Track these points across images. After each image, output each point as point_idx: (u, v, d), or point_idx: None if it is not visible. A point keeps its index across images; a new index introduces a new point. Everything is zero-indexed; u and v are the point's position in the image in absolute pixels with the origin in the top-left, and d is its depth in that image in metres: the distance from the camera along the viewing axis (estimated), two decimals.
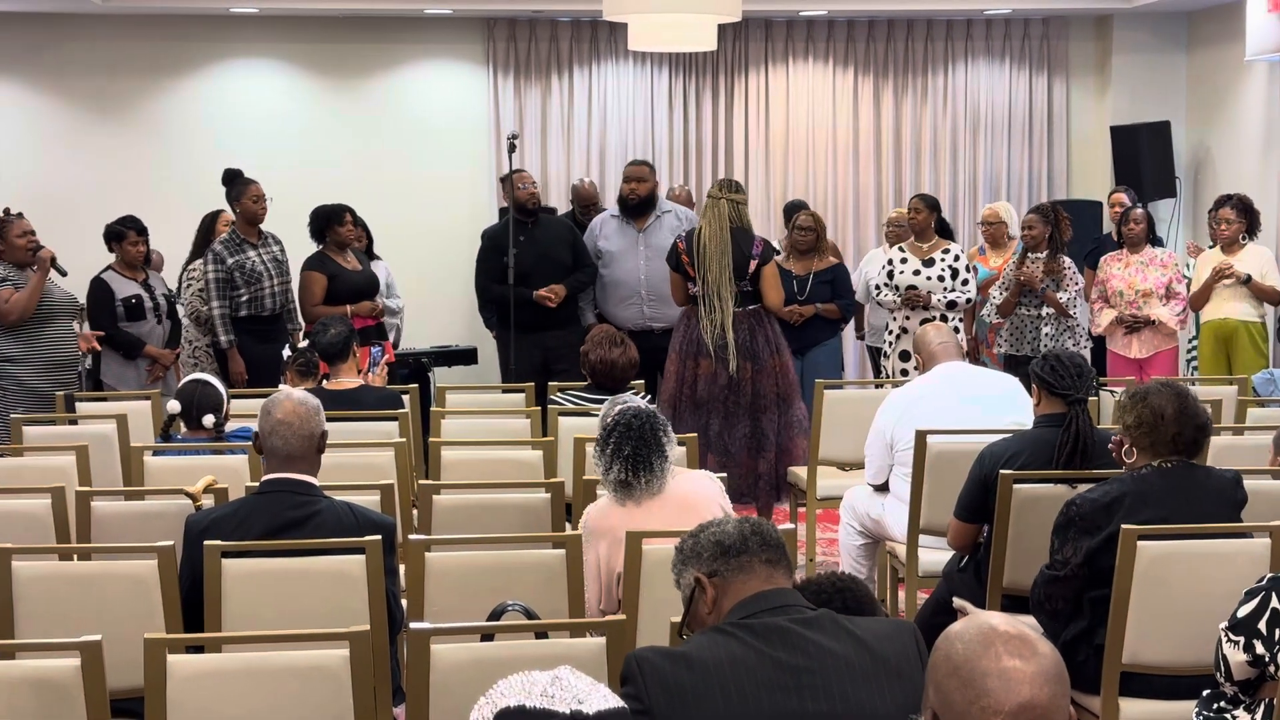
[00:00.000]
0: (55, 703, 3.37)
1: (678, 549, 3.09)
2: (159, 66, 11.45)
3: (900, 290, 8.73)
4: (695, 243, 7.77)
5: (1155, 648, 4.25)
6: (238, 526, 4.25)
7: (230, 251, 8.32)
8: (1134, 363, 8.80)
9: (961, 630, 2.17)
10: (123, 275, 8.28)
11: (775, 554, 2.99)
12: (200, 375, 5.93)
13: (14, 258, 7.63)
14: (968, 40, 12.09)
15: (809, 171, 12.02)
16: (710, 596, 2.97)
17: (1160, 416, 4.28)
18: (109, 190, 11.09)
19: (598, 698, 2.28)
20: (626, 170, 9.26)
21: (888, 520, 6.03)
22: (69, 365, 7.86)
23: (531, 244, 8.82)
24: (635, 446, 4.42)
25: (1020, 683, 2.08)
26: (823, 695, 2.76)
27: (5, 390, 7.56)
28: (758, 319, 7.85)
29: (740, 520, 3.07)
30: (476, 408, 7.34)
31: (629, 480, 4.43)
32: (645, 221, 9.01)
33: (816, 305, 8.90)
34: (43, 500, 5.07)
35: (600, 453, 4.48)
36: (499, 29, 11.71)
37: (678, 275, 7.91)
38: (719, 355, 7.73)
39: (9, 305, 7.51)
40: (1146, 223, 8.97)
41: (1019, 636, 2.13)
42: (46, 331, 7.67)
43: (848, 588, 3.19)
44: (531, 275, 8.72)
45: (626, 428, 4.45)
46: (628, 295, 8.97)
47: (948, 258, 8.78)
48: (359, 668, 3.44)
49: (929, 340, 6.18)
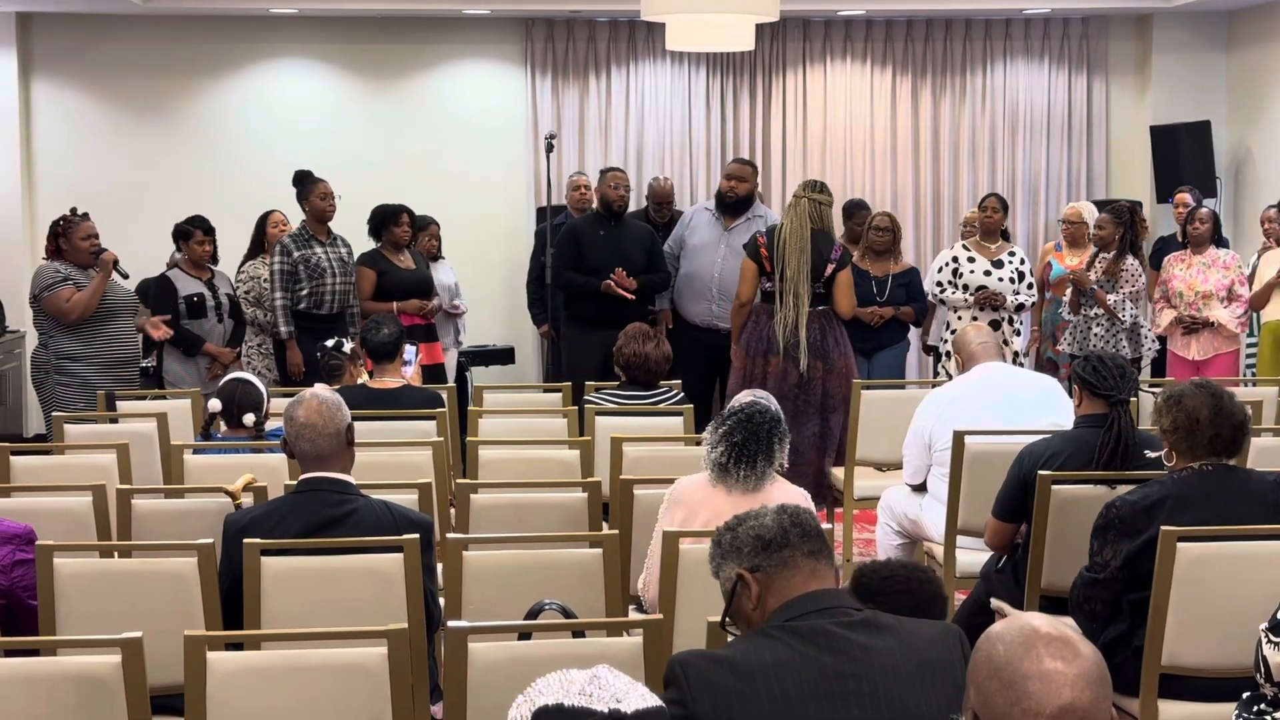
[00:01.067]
0: (96, 699, 3.40)
1: (715, 542, 3.06)
2: (200, 67, 11.51)
3: (971, 290, 8.70)
4: (776, 239, 7.74)
5: (1195, 650, 4.22)
6: (276, 525, 4.27)
7: (298, 245, 8.41)
8: (1192, 364, 8.74)
9: (1003, 631, 2.16)
10: (188, 274, 8.37)
11: (816, 544, 2.96)
12: (241, 374, 5.95)
13: (77, 259, 7.72)
14: (1006, 40, 12.04)
15: (847, 172, 11.99)
16: (755, 593, 2.93)
17: (1196, 420, 4.26)
18: (150, 190, 11.17)
19: (635, 696, 2.28)
20: (730, 167, 9.19)
21: (925, 520, 6.01)
22: (130, 363, 7.95)
23: (610, 241, 8.79)
24: (745, 438, 4.46)
25: (1062, 685, 2.08)
26: (869, 702, 2.73)
27: (67, 387, 7.66)
28: (828, 320, 7.82)
29: (777, 511, 3.03)
30: (514, 407, 7.35)
31: (727, 465, 4.47)
32: (735, 221, 8.91)
33: (896, 307, 8.90)
34: (84, 498, 5.11)
35: (713, 429, 4.54)
36: (537, 29, 11.73)
37: (752, 267, 7.83)
38: (789, 353, 7.69)
39: (70, 304, 7.59)
40: (1212, 222, 8.90)
41: (1061, 638, 2.13)
42: (107, 330, 7.76)
43: (913, 589, 3.16)
44: (603, 271, 8.67)
45: (748, 419, 4.50)
46: (700, 290, 8.90)
47: (1014, 260, 8.80)
48: (397, 666, 3.45)
49: (969, 340, 6.16)
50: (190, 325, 8.26)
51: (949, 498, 5.64)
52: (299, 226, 8.59)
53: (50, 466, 5.99)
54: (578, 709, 2.23)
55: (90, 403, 7.53)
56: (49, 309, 7.67)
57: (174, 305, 8.21)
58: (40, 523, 4.61)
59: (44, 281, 7.68)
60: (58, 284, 7.63)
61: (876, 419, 7.06)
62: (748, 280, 7.90)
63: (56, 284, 7.64)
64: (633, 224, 9.10)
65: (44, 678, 3.41)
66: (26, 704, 3.39)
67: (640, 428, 6.37)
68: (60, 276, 7.65)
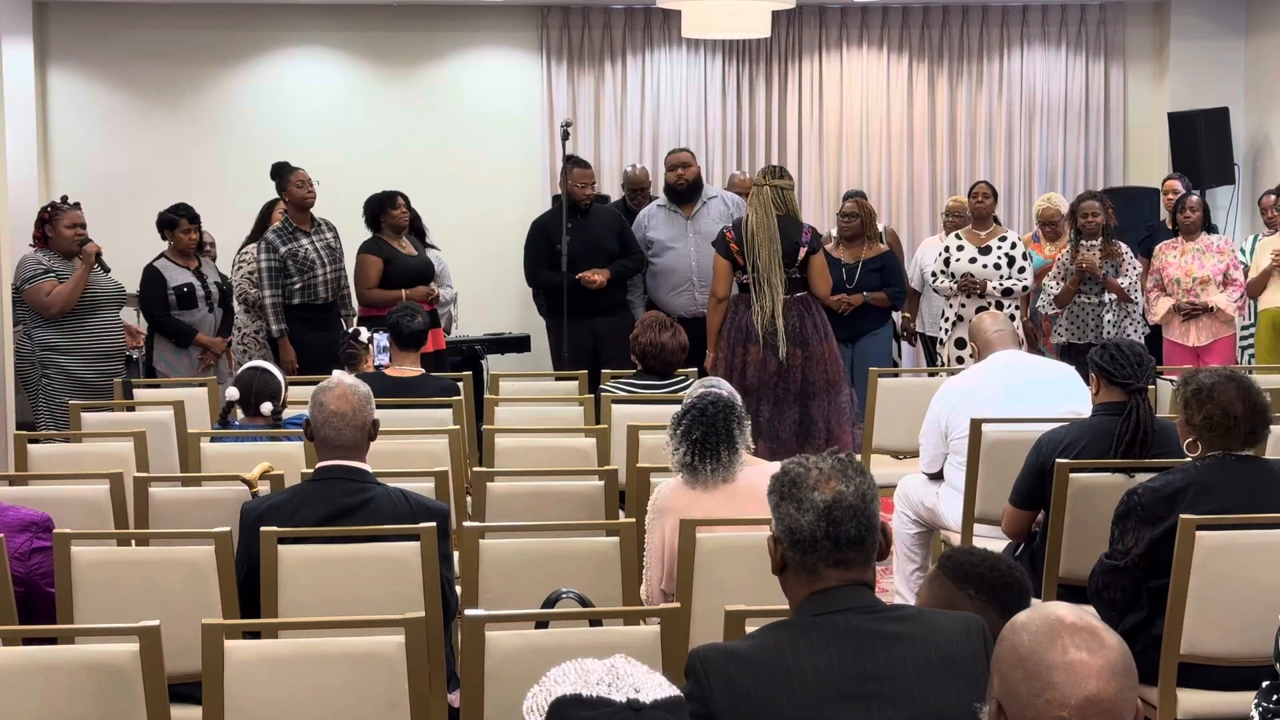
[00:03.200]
0: (114, 687, 3.40)
1: (770, 491, 2.87)
2: (215, 54, 11.51)
3: (956, 277, 8.69)
4: (744, 231, 7.72)
5: (1214, 638, 4.21)
6: (293, 513, 4.27)
7: (283, 240, 8.37)
8: (1191, 351, 8.73)
9: (1028, 621, 2.15)
10: (175, 263, 8.30)
11: (849, 554, 2.78)
12: (260, 363, 5.95)
13: (60, 247, 7.70)
14: (1023, 26, 12.00)
15: (863, 159, 11.96)
16: (778, 563, 2.84)
17: (1233, 417, 4.22)
18: (166, 177, 11.17)
19: (653, 685, 2.26)
20: (669, 158, 9.27)
21: (942, 509, 6.00)
22: (115, 356, 7.92)
23: (580, 232, 8.86)
24: (705, 433, 4.42)
25: (1087, 676, 2.06)
26: (890, 703, 2.68)
27: (51, 380, 7.65)
28: (806, 305, 7.79)
29: (822, 510, 2.78)
30: (530, 395, 7.35)
31: (694, 464, 4.43)
32: (693, 208, 9.03)
33: (865, 294, 8.87)
34: (101, 486, 5.12)
35: (672, 432, 4.50)
36: (552, 17, 11.71)
37: (725, 263, 7.82)
38: (768, 342, 7.67)
39: (50, 298, 7.58)
40: (1202, 210, 8.89)
41: (1086, 628, 2.11)
42: (91, 323, 7.74)
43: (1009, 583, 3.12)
44: (578, 262, 8.78)
45: (701, 413, 4.45)
46: (680, 283, 8.98)
47: (1004, 245, 8.75)
48: (414, 654, 3.44)
49: (985, 328, 6.14)
50: (181, 316, 8.21)
51: (966, 485, 5.62)
52: (281, 220, 8.52)
53: (67, 455, 6.00)
54: (596, 699, 2.22)
55: (76, 395, 7.49)
56: (30, 302, 7.65)
57: (163, 296, 8.18)
58: (57, 511, 4.61)
59: (25, 273, 7.65)
60: (39, 276, 7.61)
61: (893, 407, 7.05)
62: (721, 277, 7.86)
63: (38, 276, 7.61)
64: (599, 211, 9.20)
65: (62, 666, 3.42)
66: (44, 692, 3.39)
67: (655, 415, 6.36)
68: (42, 269, 7.63)
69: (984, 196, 9.01)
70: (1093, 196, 9.02)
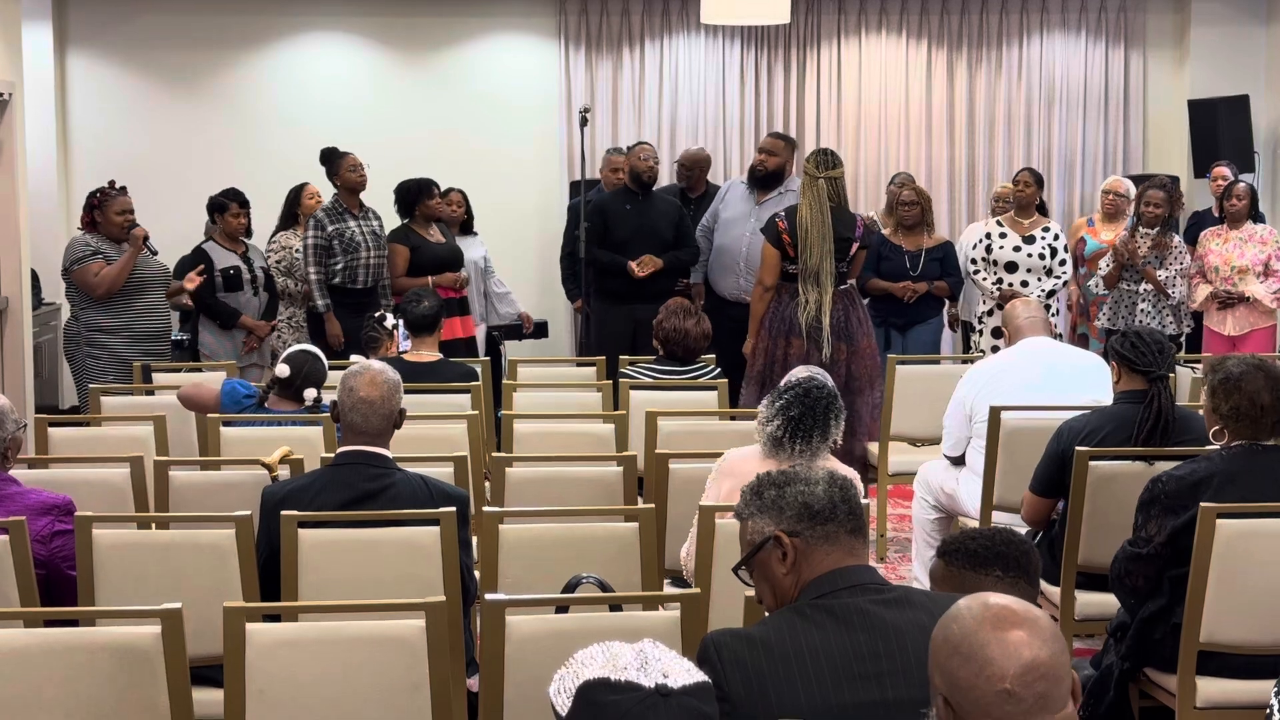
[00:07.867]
0: (136, 669, 3.42)
1: (755, 492, 3.01)
2: (233, 40, 11.52)
3: (998, 265, 8.65)
4: (797, 223, 7.53)
5: (1233, 627, 4.20)
6: (314, 498, 4.29)
7: (331, 219, 8.43)
8: (1228, 340, 8.67)
9: (954, 613, 2.22)
10: (223, 246, 8.38)
11: (858, 522, 2.94)
12: (313, 348, 5.88)
13: (109, 232, 7.77)
14: (1043, 13, 11.95)
15: (881, 146, 11.93)
16: (790, 560, 2.89)
17: (1260, 407, 4.22)
18: (185, 163, 11.19)
19: (682, 671, 2.27)
20: (763, 141, 9.10)
21: (962, 494, 5.99)
22: (160, 337, 8.00)
23: (637, 215, 8.74)
24: (803, 412, 4.41)
25: (1020, 645, 2.13)
26: (903, 683, 2.72)
27: (97, 360, 7.72)
28: (850, 299, 7.67)
29: (828, 482, 2.97)
30: (548, 381, 7.35)
31: (781, 440, 4.42)
32: (766, 195, 8.78)
33: (930, 283, 8.87)
34: (121, 469, 5.14)
35: (770, 403, 4.48)
36: (571, 3, 11.69)
37: (774, 252, 7.63)
38: (812, 337, 7.52)
39: (97, 279, 7.65)
40: (1249, 197, 8.82)
41: (1010, 605, 2.19)
42: (137, 304, 7.80)
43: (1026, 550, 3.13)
44: (629, 246, 8.65)
45: (805, 393, 4.44)
46: (730, 264, 8.81)
47: (1048, 236, 8.71)
48: (435, 638, 3.45)
49: (1016, 315, 6.11)
50: (226, 298, 8.29)
51: (985, 473, 5.62)
52: (331, 200, 8.59)
53: (88, 438, 6.02)
54: (624, 683, 2.22)
55: (121, 375, 7.59)
56: (78, 282, 7.74)
57: (210, 278, 8.23)
58: (78, 494, 4.64)
59: (74, 254, 7.73)
60: (87, 258, 7.68)
61: (911, 394, 7.04)
62: (770, 266, 7.67)
63: (86, 258, 7.68)
64: (660, 199, 9.01)
65: (83, 648, 3.43)
66: (67, 674, 3.41)
67: (674, 402, 6.36)
68: (90, 250, 7.69)
69: (1026, 184, 8.88)
70: (1161, 186, 8.85)
